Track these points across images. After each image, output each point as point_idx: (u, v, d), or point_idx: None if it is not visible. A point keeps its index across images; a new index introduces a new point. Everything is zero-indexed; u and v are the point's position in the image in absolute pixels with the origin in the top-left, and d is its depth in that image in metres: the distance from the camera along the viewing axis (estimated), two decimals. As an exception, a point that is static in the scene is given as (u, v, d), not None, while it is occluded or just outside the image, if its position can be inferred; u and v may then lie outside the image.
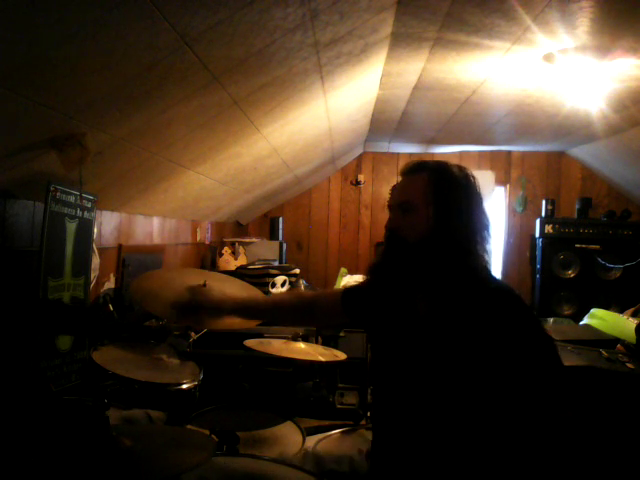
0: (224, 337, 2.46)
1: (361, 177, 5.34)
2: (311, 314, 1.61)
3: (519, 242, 5.24)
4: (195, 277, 2.03)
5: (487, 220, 1.27)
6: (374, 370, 1.42)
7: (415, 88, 2.97)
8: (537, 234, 4.83)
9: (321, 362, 2.09)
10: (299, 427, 2.03)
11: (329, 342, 2.67)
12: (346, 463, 1.72)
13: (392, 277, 1.30)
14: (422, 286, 1.27)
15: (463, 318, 1.19)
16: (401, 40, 2.23)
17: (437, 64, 2.53)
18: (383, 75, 2.73)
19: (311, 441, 1.92)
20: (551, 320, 3.97)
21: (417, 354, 1.24)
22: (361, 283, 1.51)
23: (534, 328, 1.20)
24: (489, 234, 1.26)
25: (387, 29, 2.09)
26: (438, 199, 1.23)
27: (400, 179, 1.32)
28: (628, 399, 2.07)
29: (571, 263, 4.68)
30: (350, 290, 1.53)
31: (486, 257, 1.25)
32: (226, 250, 4.29)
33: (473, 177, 1.28)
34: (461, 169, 1.28)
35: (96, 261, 2.25)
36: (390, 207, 1.31)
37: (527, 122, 3.81)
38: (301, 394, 2.51)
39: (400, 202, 1.28)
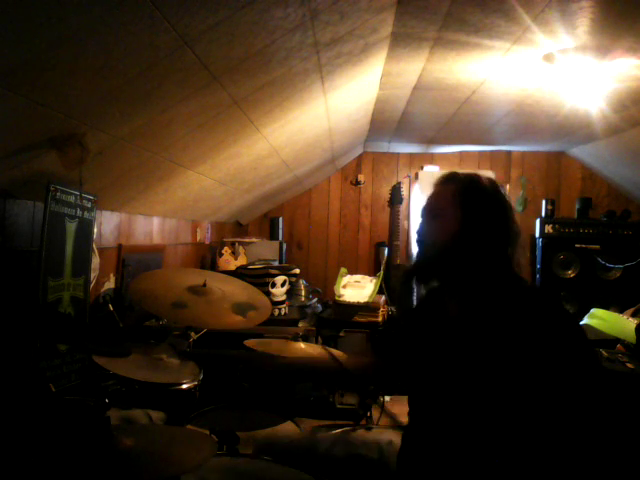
0: (224, 337, 2.46)
1: (361, 177, 5.34)
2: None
3: (519, 242, 5.24)
4: (195, 277, 2.03)
5: (517, 229, 1.31)
6: (415, 379, 1.41)
7: (415, 88, 2.97)
8: (537, 234, 4.83)
9: (321, 362, 2.09)
10: (299, 427, 2.03)
11: (329, 342, 2.67)
12: (375, 450, 1.69)
13: (423, 284, 1.37)
14: (452, 290, 1.32)
15: (499, 318, 1.21)
16: (401, 40, 2.23)
17: (437, 64, 2.53)
18: (383, 75, 2.73)
19: (311, 441, 1.92)
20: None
21: (457, 358, 1.25)
22: (391, 324, 1.57)
23: (574, 330, 1.20)
24: (518, 243, 1.29)
25: (387, 29, 2.09)
26: (465, 205, 1.28)
27: (432, 190, 1.39)
28: (628, 399, 2.06)
29: (571, 263, 4.67)
30: (378, 336, 1.57)
31: (516, 264, 1.28)
32: (226, 250, 4.29)
33: (503, 189, 1.34)
34: (491, 181, 1.34)
35: (96, 261, 2.25)
36: (421, 216, 1.39)
37: (527, 122, 3.81)
38: (301, 394, 2.52)
39: (430, 209, 1.35)
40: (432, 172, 5.17)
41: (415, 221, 5.12)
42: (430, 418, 1.32)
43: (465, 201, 1.29)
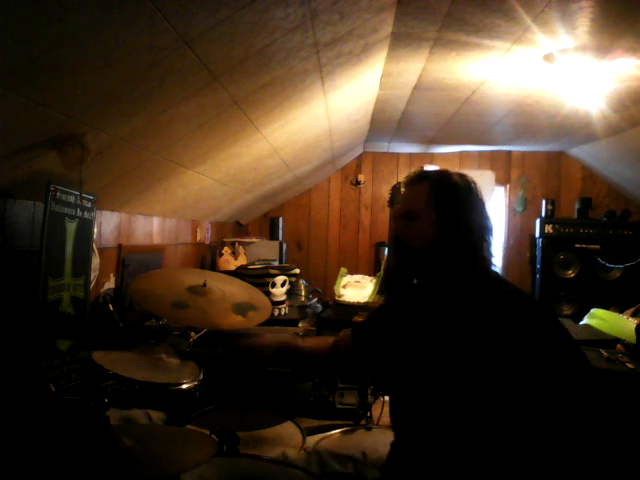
0: (224, 337, 2.46)
1: (361, 177, 5.35)
2: (333, 364, 1.63)
3: (519, 242, 5.24)
4: (195, 277, 2.03)
5: (490, 224, 1.29)
6: (395, 383, 1.39)
7: (415, 88, 2.97)
8: (537, 234, 4.83)
9: (321, 362, 2.08)
10: (299, 427, 2.02)
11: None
12: (350, 464, 1.71)
13: (405, 288, 1.33)
14: (435, 293, 1.30)
15: (480, 321, 1.20)
16: (401, 40, 2.23)
17: (437, 64, 2.53)
18: (383, 75, 2.73)
19: (311, 441, 1.92)
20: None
21: (438, 361, 1.24)
22: (369, 314, 1.53)
23: (553, 328, 1.20)
24: (492, 237, 1.29)
25: (387, 29, 2.09)
26: (440, 205, 1.25)
27: (403, 190, 1.35)
28: (628, 399, 2.06)
29: (571, 263, 4.68)
30: (359, 325, 1.54)
31: (491, 260, 1.28)
32: (226, 250, 4.29)
33: (474, 183, 1.31)
34: (462, 176, 1.31)
35: (96, 261, 2.25)
36: (395, 218, 1.33)
37: (527, 122, 3.81)
38: (301, 394, 2.51)
39: (403, 212, 1.30)
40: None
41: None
42: (416, 421, 1.30)
43: (439, 202, 1.25)
